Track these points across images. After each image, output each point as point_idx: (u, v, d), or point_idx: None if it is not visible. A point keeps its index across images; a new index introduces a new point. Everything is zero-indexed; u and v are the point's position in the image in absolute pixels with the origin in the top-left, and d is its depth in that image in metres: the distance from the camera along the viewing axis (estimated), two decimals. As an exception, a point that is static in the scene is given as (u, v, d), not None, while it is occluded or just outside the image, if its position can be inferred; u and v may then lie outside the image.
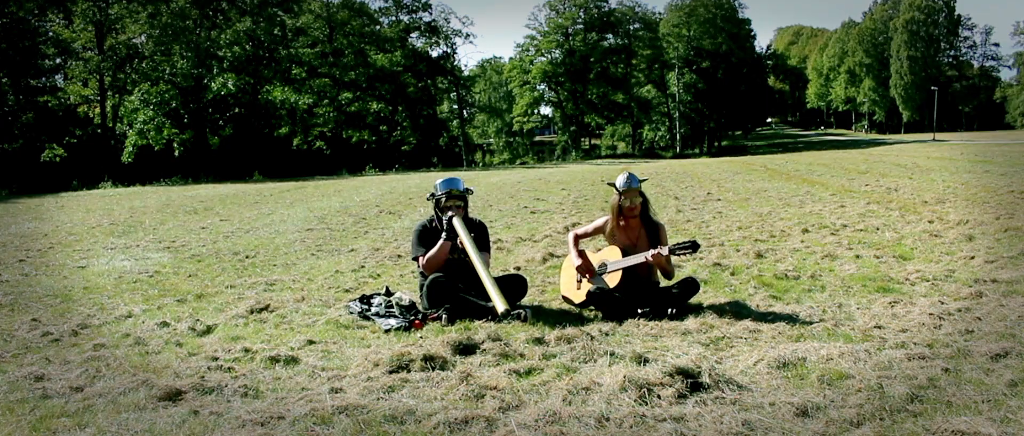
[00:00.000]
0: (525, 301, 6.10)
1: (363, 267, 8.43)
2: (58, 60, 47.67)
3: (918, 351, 4.08)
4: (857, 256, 7.69)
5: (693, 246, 5.16)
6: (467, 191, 5.98)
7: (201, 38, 47.90)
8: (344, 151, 53.04)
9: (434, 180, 6.26)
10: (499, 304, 5.21)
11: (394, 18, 61.84)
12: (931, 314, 4.89)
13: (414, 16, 62.08)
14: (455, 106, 66.01)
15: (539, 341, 4.71)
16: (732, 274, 6.97)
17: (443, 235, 5.66)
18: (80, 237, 12.42)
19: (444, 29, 62.19)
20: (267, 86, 52.10)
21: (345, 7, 56.69)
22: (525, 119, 75.56)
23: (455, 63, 63.70)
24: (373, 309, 5.77)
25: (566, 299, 5.83)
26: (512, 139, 79.66)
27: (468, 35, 68.97)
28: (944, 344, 4.23)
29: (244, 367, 4.44)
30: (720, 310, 5.32)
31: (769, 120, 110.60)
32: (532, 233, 10.76)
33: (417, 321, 5.34)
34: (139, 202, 20.10)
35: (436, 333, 5.04)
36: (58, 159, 42.37)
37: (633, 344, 4.59)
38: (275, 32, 52.60)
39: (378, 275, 7.88)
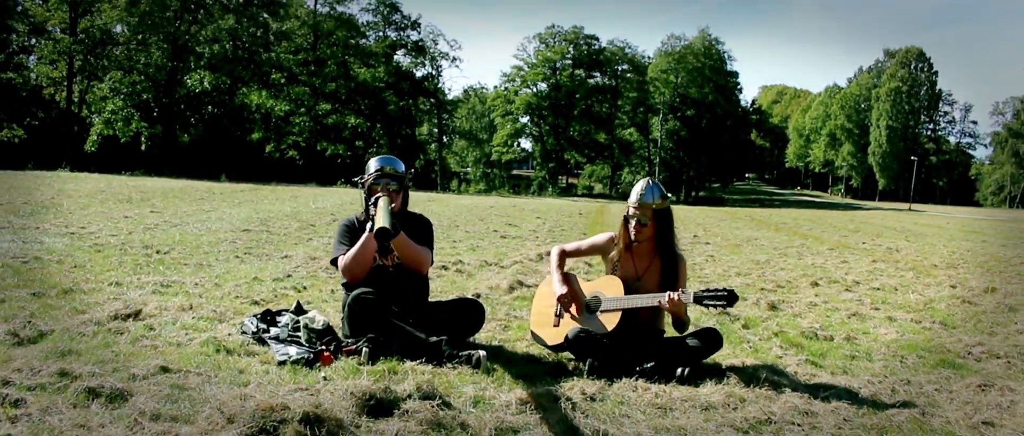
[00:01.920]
0: (481, 337, 4.60)
1: (289, 276, 6.88)
2: (30, 40, 45.62)
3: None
4: (890, 318, 6.30)
5: (729, 298, 3.72)
6: (407, 173, 4.48)
7: (180, 31, 46.14)
8: (317, 163, 51.18)
9: (410, 201, 4.64)
10: (379, 219, 3.81)
11: (381, 33, 60.34)
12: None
13: (402, 33, 60.67)
14: (435, 129, 64.51)
15: (490, 403, 3.21)
16: (746, 327, 5.53)
17: (368, 227, 4.09)
18: (-22, 214, 10.71)
19: (431, 50, 60.87)
20: (244, 88, 50.35)
21: (332, 17, 55.22)
22: (504, 149, 74.20)
23: (439, 85, 62.37)
24: (273, 330, 4.24)
25: (537, 338, 4.33)
26: (490, 171, 78.35)
27: (455, 59, 67.50)
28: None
29: (36, 402, 2.89)
30: (747, 376, 3.84)
31: (747, 175, 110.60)
32: (499, 258, 9.26)
33: (326, 353, 3.82)
34: (72, 186, 18.30)
35: (348, 373, 3.53)
36: (17, 140, 40.22)
37: (634, 421, 3.10)
38: (258, 33, 51.03)
39: (303, 288, 6.33)
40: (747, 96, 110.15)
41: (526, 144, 79.78)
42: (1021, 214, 53.10)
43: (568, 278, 4.34)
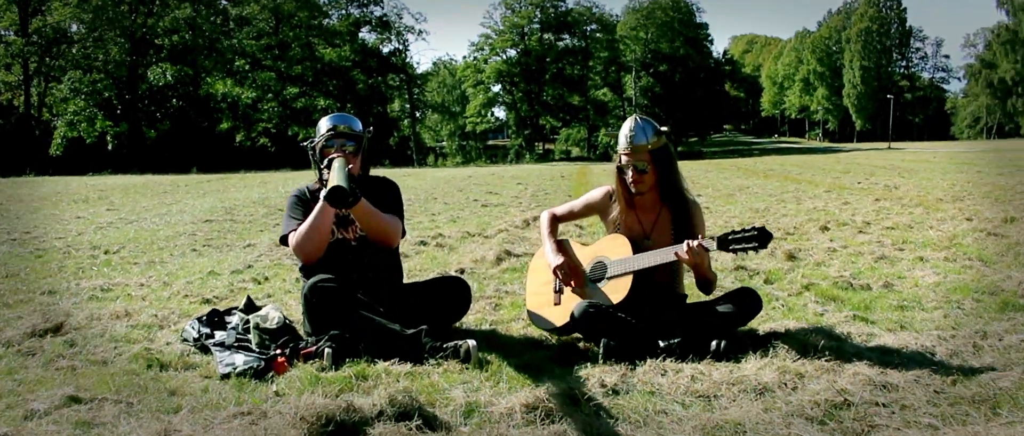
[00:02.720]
0: (468, 321, 3.91)
1: (250, 267, 6.14)
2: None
3: None
4: (920, 259, 5.68)
5: (761, 237, 3.02)
6: (365, 133, 3.74)
7: (136, 24, 44.58)
8: (289, 148, 49.87)
9: (385, 176, 3.80)
10: (333, 179, 3.15)
11: (344, 12, 58.93)
12: None
13: (365, 10, 59.30)
14: (407, 105, 63.35)
15: (487, 412, 2.51)
16: (768, 281, 4.88)
17: (322, 196, 3.31)
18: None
19: (396, 24, 59.63)
20: (208, 78, 48.96)
21: (292, -2, 53.71)
22: (478, 120, 73.18)
23: (407, 60, 61.20)
24: (219, 335, 3.52)
25: (536, 319, 3.64)
26: (466, 143, 77.47)
27: (421, 32, 66.38)
28: None
29: None
30: (795, 343, 3.15)
31: (724, 127, 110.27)
32: (483, 228, 8.54)
33: (280, 358, 3.10)
34: (26, 191, 17.32)
35: (305, 385, 2.82)
36: (-25, 149, 38.85)
37: (675, 418, 2.42)
38: (217, 21, 49.53)
39: (265, 278, 5.60)
40: (718, 48, 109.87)
41: (500, 113, 78.97)
42: (1001, 144, 53.01)
43: (563, 246, 3.64)
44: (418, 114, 65.45)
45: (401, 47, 60.38)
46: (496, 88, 71.69)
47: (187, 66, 47.01)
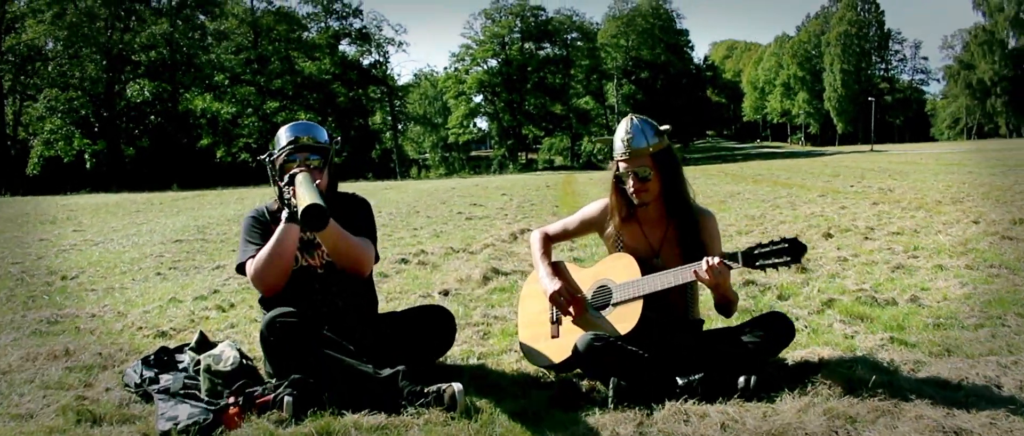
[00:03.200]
0: (454, 353, 3.44)
1: (217, 292, 5.64)
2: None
3: None
4: (939, 267, 5.28)
5: (793, 250, 2.59)
6: (332, 144, 3.23)
7: (112, 41, 43.84)
8: (270, 163, 49.19)
9: (365, 189, 3.29)
10: (305, 197, 2.68)
11: (323, 24, 58.41)
12: None
13: (344, 22, 58.81)
14: (389, 117, 62.79)
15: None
16: (782, 297, 4.44)
17: (284, 216, 2.92)
18: None
19: (376, 37, 59.12)
20: (186, 94, 48.23)
21: (271, 12, 53.07)
22: (461, 131, 72.72)
23: (388, 72, 60.66)
24: (165, 378, 3.04)
25: (530, 355, 3.16)
26: (448, 154, 77.05)
27: (401, 43, 66.11)
28: None
29: None
30: (835, 375, 2.70)
31: (707, 133, 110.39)
32: (467, 242, 8.07)
33: (232, 409, 2.62)
34: (-8, 213, 16.68)
35: (259, 444, 2.35)
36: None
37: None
38: (195, 36, 48.85)
39: (231, 305, 5.11)
40: (699, 54, 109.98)
41: (482, 123, 78.59)
42: (983, 144, 53.19)
43: (559, 269, 3.17)
44: (400, 126, 64.98)
45: (381, 59, 59.93)
46: (478, 98, 71.30)
47: (165, 82, 46.31)
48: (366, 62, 59.70)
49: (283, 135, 3.15)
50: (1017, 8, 71.93)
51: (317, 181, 2.95)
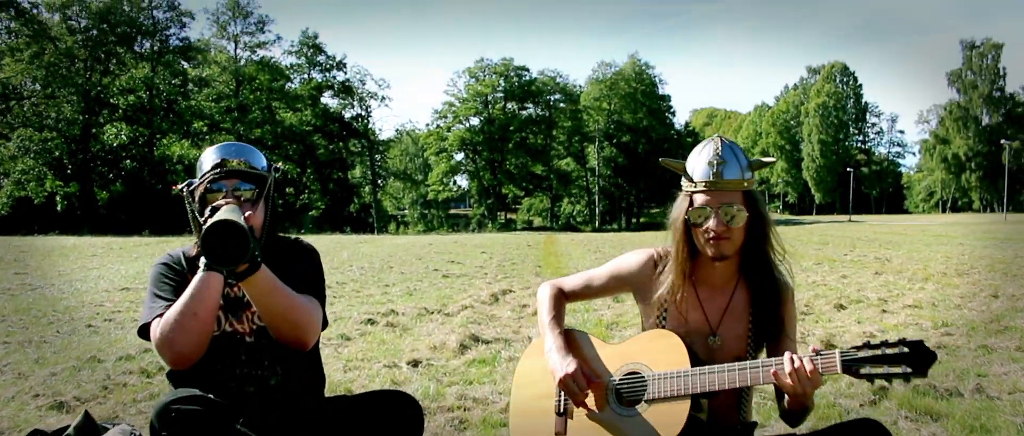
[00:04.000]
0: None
1: (148, 351, 4.83)
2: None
3: None
4: (985, 348, 4.62)
5: (918, 357, 1.76)
6: (271, 173, 2.40)
7: (91, 82, 43.20)
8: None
9: (339, 242, 2.55)
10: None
11: (306, 76, 58.27)
12: None
13: (328, 74, 58.72)
14: (368, 172, 62.22)
15: None
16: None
17: (202, 265, 2.07)
18: None
19: (359, 90, 59.04)
20: (164, 139, 47.48)
21: (254, 61, 52.83)
22: (441, 188, 72.32)
23: (370, 126, 60.38)
24: (26, 479, 2.23)
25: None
26: (427, 211, 76.52)
27: (384, 98, 65.82)
28: None
29: None
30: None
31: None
32: (443, 303, 7.31)
33: None
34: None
35: None
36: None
37: None
38: (175, 82, 48.38)
39: (160, 368, 4.31)
40: (680, 119, 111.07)
41: (462, 181, 78.26)
42: (960, 218, 53.52)
43: (574, 341, 2.32)
44: (380, 181, 64.35)
45: (363, 113, 59.70)
46: (459, 156, 71.13)
47: (143, 126, 45.57)
48: (348, 115, 59.46)
49: (208, 158, 2.36)
50: (990, 87, 73.55)
51: (246, 214, 2.18)
